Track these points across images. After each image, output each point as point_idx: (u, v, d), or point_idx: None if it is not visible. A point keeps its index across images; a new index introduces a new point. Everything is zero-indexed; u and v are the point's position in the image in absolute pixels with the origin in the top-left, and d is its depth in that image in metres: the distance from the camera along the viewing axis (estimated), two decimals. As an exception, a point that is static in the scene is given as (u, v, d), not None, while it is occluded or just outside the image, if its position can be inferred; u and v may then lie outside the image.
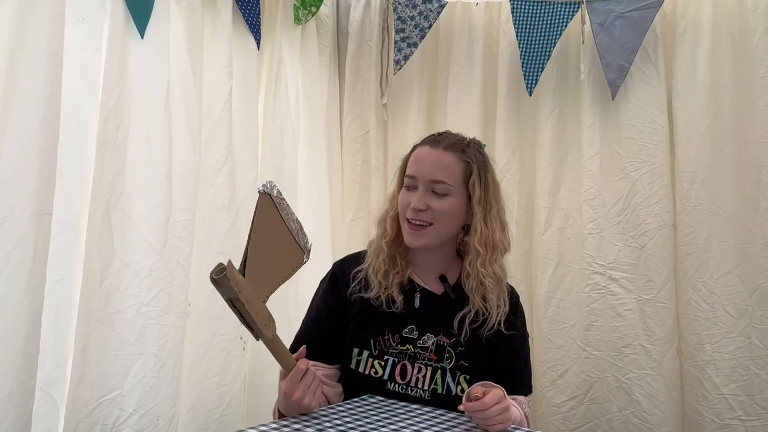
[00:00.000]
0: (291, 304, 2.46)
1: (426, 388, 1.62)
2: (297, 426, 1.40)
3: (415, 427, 1.42)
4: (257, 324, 1.42)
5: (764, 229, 2.50)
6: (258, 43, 2.50)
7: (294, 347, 1.64)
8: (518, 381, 1.71)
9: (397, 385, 1.63)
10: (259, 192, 1.48)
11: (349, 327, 1.70)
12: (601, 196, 2.68)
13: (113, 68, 1.98)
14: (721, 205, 2.56)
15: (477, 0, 2.91)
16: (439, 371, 1.62)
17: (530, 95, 2.78)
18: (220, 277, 1.38)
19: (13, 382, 1.75)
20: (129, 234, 2.02)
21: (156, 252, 2.06)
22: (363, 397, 1.64)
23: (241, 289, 1.39)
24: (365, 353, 1.65)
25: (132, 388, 1.99)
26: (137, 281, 2.03)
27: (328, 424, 1.42)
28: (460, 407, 1.43)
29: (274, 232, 1.48)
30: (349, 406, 1.57)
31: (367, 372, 1.64)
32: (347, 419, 1.45)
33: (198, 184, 2.20)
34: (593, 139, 2.70)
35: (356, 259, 1.75)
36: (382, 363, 1.63)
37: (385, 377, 1.64)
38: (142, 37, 2.06)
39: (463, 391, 1.61)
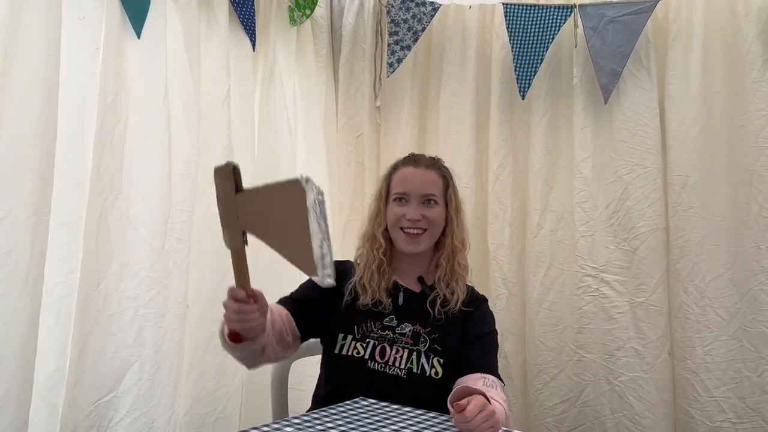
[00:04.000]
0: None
1: (402, 367, 1.77)
2: (289, 429, 1.42)
3: (407, 431, 1.43)
4: (221, 223, 1.47)
5: (755, 233, 2.52)
6: (253, 45, 2.51)
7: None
8: (486, 356, 1.84)
9: (376, 364, 1.77)
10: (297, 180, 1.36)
11: (332, 315, 1.85)
12: (593, 199, 2.70)
13: (110, 67, 1.99)
14: (713, 209, 2.58)
15: (470, 3, 2.93)
16: (415, 353, 1.78)
17: (523, 99, 2.80)
18: (219, 167, 1.47)
19: (10, 384, 1.74)
20: (128, 234, 2.03)
21: (155, 253, 2.06)
22: (355, 399, 1.66)
23: (219, 187, 1.48)
24: (349, 337, 1.81)
25: (128, 390, 2.00)
26: (135, 283, 2.03)
27: (320, 428, 1.43)
28: (451, 419, 1.47)
29: (293, 225, 1.34)
30: (341, 409, 1.58)
31: (349, 353, 1.80)
32: (339, 422, 1.47)
33: (197, 184, 2.20)
34: (585, 142, 2.72)
35: (349, 270, 1.91)
36: (364, 345, 1.80)
37: (366, 356, 1.79)
38: (138, 37, 2.07)
39: (437, 373, 1.76)
